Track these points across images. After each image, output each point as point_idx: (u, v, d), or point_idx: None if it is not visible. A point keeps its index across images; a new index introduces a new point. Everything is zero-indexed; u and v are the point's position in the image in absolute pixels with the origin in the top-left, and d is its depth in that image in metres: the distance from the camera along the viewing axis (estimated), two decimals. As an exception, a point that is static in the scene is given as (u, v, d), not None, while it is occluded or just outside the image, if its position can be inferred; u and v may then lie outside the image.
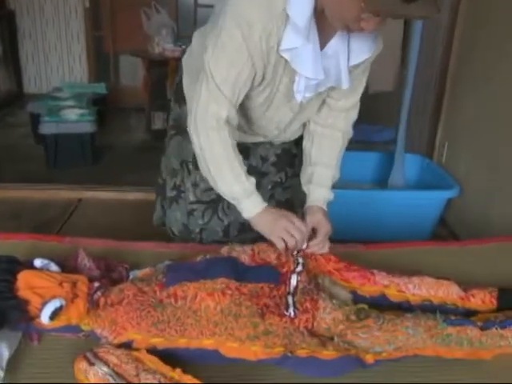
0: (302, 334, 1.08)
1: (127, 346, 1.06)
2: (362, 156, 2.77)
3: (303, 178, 1.43)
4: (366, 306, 1.17)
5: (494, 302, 1.26)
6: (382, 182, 2.81)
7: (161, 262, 1.29)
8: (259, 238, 1.49)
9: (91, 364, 0.98)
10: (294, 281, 1.18)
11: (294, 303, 1.12)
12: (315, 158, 1.40)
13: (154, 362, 0.99)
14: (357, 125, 1.44)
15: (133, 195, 2.97)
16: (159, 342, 1.07)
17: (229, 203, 1.52)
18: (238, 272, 1.18)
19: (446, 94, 2.82)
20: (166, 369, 0.97)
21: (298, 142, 1.52)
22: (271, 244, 1.32)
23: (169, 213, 1.60)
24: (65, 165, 3.55)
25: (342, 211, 2.35)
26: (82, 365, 0.99)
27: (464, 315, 1.22)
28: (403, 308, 1.25)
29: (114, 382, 0.94)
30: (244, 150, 1.51)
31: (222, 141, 1.23)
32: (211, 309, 1.08)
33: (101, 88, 4.68)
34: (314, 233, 1.32)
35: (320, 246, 1.31)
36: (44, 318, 1.04)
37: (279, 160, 1.54)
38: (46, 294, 1.06)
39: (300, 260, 1.25)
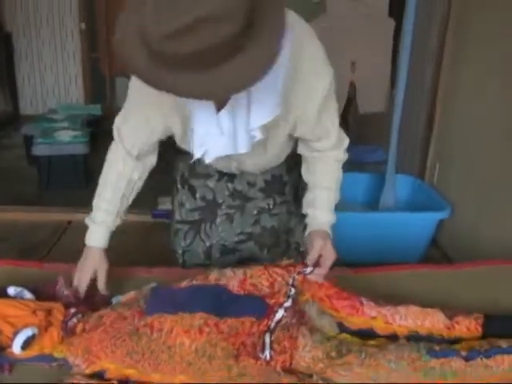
0: (279, 374, 1.03)
1: (100, 375, 1.03)
2: (352, 177, 2.74)
3: (304, 204, 1.38)
4: (349, 337, 1.14)
5: (480, 328, 1.23)
6: (373, 203, 2.79)
7: (147, 284, 1.27)
8: (242, 261, 1.47)
9: (57, 394, 0.95)
10: (278, 315, 1.14)
11: (270, 343, 1.07)
12: (313, 183, 1.36)
13: (119, 393, 0.96)
14: (349, 146, 1.40)
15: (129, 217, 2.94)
16: (132, 374, 1.03)
17: (211, 224, 1.51)
18: (222, 303, 1.15)
19: (436, 115, 2.82)
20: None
21: (290, 169, 1.49)
22: (265, 268, 1.29)
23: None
24: (58, 186, 3.55)
25: (332, 233, 2.33)
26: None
27: (449, 343, 1.20)
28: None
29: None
30: (230, 173, 1.49)
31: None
32: (186, 347, 1.05)
33: (96, 110, 4.70)
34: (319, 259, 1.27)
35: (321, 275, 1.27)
36: (15, 347, 1.02)
37: (268, 186, 1.50)
38: (18, 323, 1.04)
39: (292, 291, 1.21)
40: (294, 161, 1.45)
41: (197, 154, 1.18)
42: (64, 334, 1.09)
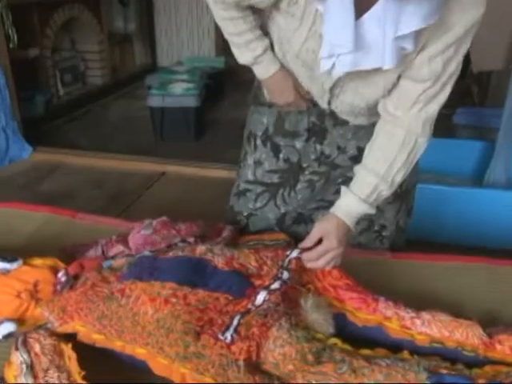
0: (238, 369, 0.89)
1: (71, 336, 1.02)
2: (458, 144, 2.38)
3: None
4: (339, 343, 0.97)
5: (528, 351, 0.97)
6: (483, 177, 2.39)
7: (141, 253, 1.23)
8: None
9: (16, 348, 0.97)
10: (260, 297, 1.02)
11: (236, 326, 0.95)
12: (364, 158, 1.17)
13: (70, 357, 0.95)
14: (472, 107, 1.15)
15: (217, 173, 2.95)
16: (99, 340, 1.02)
17: (290, 190, 1.38)
18: (201, 276, 1.07)
19: None
20: (75, 369, 0.92)
21: None
22: (255, 252, 1.17)
23: None
24: (170, 138, 3.66)
25: (424, 207, 2.07)
26: (12, 347, 0.98)
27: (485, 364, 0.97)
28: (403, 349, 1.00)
29: (24, 371, 0.92)
30: (320, 132, 1.31)
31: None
32: (148, 316, 0.99)
33: (219, 62, 4.74)
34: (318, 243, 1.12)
35: (313, 261, 1.12)
36: None
37: (360, 155, 1.25)
38: (2, 310, 1.08)
39: (285, 274, 1.08)
40: None
41: (325, 66, 1.03)
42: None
